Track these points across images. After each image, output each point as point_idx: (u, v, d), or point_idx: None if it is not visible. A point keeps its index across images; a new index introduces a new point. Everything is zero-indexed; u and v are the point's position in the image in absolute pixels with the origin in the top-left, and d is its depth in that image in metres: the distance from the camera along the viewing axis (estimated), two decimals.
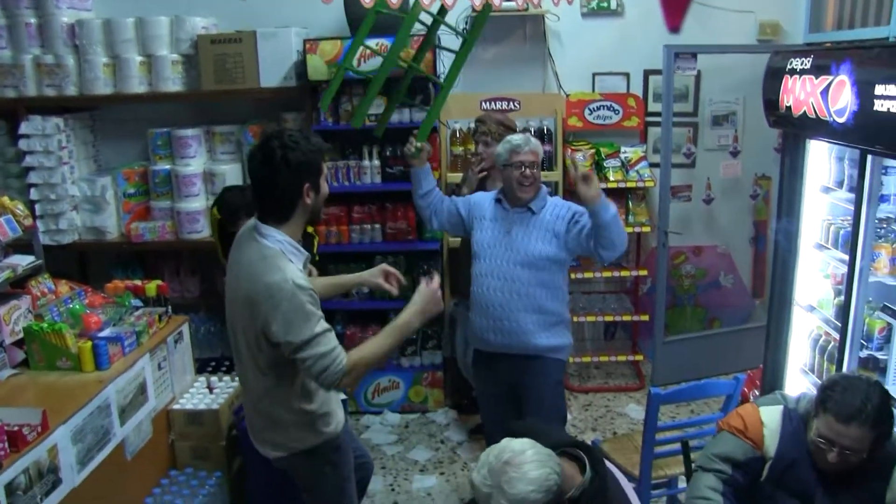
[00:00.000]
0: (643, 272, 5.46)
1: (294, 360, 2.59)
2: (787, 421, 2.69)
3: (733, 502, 2.69)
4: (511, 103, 5.25)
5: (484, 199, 3.78)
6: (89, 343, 3.32)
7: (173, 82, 5.12)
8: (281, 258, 2.58)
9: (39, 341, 3.33)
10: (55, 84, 5.11)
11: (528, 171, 3.56)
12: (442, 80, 4.16)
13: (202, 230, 5.24)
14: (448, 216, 3.82)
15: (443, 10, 3.99)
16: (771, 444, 2.67)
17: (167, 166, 5.27)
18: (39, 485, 2.72)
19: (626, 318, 5.50)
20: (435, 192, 3.83)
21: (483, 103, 5.20)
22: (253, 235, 2.64)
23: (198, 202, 5.21)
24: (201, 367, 4.40)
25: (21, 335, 3.40)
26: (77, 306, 3.69)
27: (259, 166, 2.57)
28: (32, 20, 5.11)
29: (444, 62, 5.23)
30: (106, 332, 3.50)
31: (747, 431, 2.71)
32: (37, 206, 5.10)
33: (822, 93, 3.34)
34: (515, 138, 3.65)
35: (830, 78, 3.27)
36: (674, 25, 5.47)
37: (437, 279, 2.85)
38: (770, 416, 2.72)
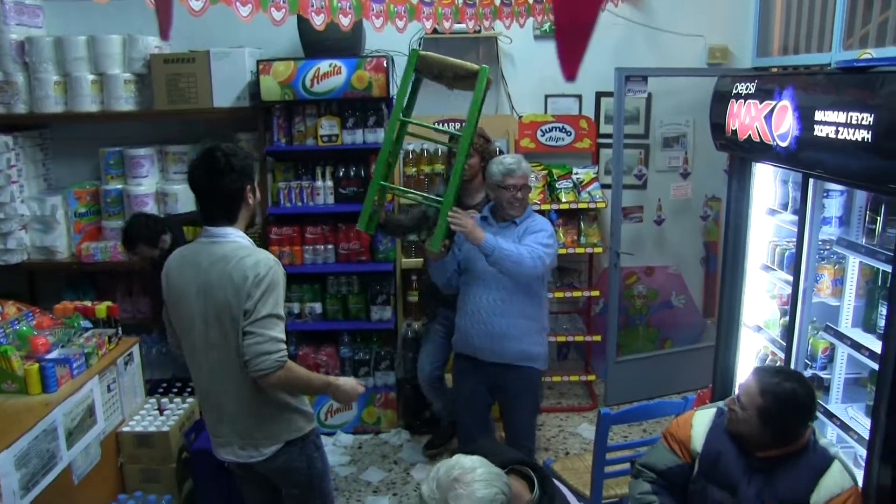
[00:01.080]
0: (595, 293, 5.51)
1: (244, 332, 2.71)
2: (717, 418, 2.87)
3: (669, 498, 2.91)
4: (464, 125, 5.27)
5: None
6: (36, 365, 3.28)
7: (126, 101, 5.08)
8: (253, 247, 2.84)
9: None
10: (4, 102, 5.03)
11: (518, 193, 3.79)
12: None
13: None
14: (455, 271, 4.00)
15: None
16: (698, 441, 2.87)
17: (119, 186, 5.22)
18: None
19: (579, 338, 5.55)
20: (452, 266, 3.98)
21: (437, 125, 5.22)
22: (211, 239, 2.81)
23: None
24: (153, 388, 4.35)
25: None
26: (24, 328, 3.63)
27: (206, 175, 2.76)
28: None
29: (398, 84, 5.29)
30: (54, 354, 3.45)
31: (677, 433, 2.93)
32: None
33: (766, 117, 3.43)
34: (508, 160, 3.82)
35: (774, 103, 3.36)
36: (570, 75, 5.51)
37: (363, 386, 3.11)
38: (701, 418, 2.92)
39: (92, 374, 3.51)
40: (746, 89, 3.65)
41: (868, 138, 2.71)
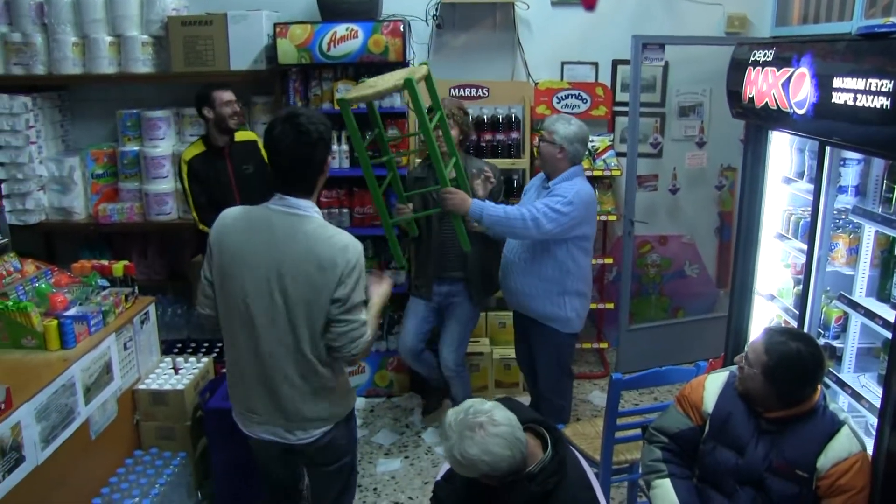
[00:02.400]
0: (609, 260, 5.52)
1: (335, 321, 2.70)
2: (730, 380, 2.90)
3: (679, 465, 2.93)
4: (480, 91, 5.28)
5: (538, 180, 4.19)
6: (55, 322, 3.31)
7: (143, 63, 5.10)
8: (331, 225, 2.78)
9: (5, 320, 3.31)
10: (23, 63, 5.07)
11: (541, 147, 3.96)
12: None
13: (170, 212, 5.23)
14: None
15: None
16: (710, 402, 2.89)
17: (136, 147, 5.25)
18: (2, 462, 2.71)
19: (592, 306, 5.54)
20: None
21: (452, 90, 5.23)
22: (289, 209, 2.73)
23: (166, 184, 5.20)
24: (167, 348, 4.40)
25: None
26: (43, 285, 3.67)
27: (294, 145, 2.65)
28: None
29: (415, 49, 5.28)
30: (72, 312, 3.48)
31: (690, 395, 2.96)
32: (3, 186, 5.05)
33: (783, 84, 3.41)
34: (552, 117, 4.03)
35: (792, 70, 3.34)
36: (590, 4, 5.53)
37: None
38: (713, 381, 2.95)
39: (109, 331, 3.54)
40: (764, 56, 3.63)
41: (888, 105, 2.68)
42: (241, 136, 4.53)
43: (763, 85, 3.61)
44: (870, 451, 2.85)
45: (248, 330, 2.77)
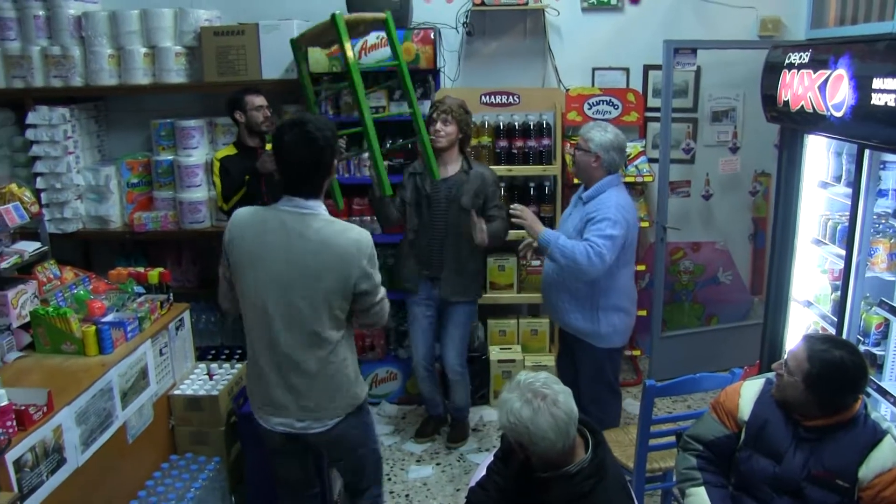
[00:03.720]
0: (641, 268, 5.46)
1: (366, 303, 2.94)
2: (766, 387, 2.86)
3: (714, 473, 2.90)
4: (511, 97, 5.27)
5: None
6: (93, 328, 3.36)
7: (177, 74, 5.16)
8: (339, 220, 2.94)
9: (45, 325, 3.37)
10: (62, 75, 5.16)
11: (575, 155, 3.92)
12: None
13: (204, 220, 5.28)
14: None
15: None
16: (746, 410, 2.85)
17: (170, 157, 5.31)
18: (45, 463, 2.76)
19: None
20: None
21: (483, 97, 5.23)
22: (300, 209, 2.86)
23: (200, 192, 5.25)
24: (201, 355, 4.43)
25: (28, 319, 3.43)
26: (82, 292, 3.73)
27: (302, 150, 2.81)
28: (41, 12, 5.16)
29: (445, 56, 5.29)
30: (109, 318, 3.53)
31: (725, 402, 2.92)
32: (43, 195, 5.15)
33: (820, 87, 3.37)
34: (590, 123, 3.97)
35: (829, 72, 3.31)
36: None
37: None
38: (749, 387, 2.91)
39: (145, 337, 3.59)
40: (800, 59, 3.59)
41: None
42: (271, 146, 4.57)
43: (799, 88, 3.58)
44: None
45: (265, 325, 2.90)
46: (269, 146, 4.43)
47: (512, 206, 3.76)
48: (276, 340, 2.90)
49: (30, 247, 3.80)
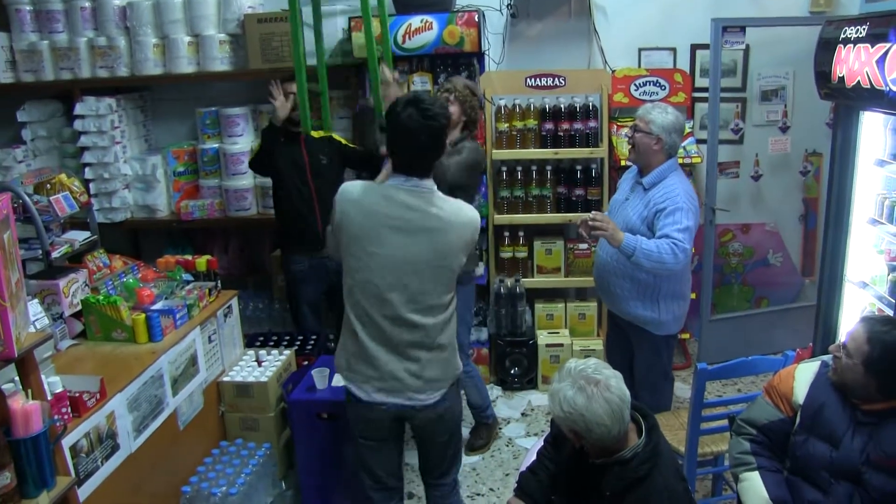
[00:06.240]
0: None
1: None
2: (822, 370, 2.79)
3: (769, 458, 2.85)
4: (556, 80, 5.20)
5: (630, 174, 3.99)
6: (143, 315, 3.39)
7: (221, 62, 5.19)
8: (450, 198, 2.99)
9: (96, 313, 3.41)
10: (108, 65, 5.21)
11: (634, 136, 3.77)
12: None
13: (250, 207, 5.32)
14: None
15: None
16: (801, 393, 2.79)
17: (215, 145, 5.35)
18: (100, 448, 2.80)
19: None
20: None
21: (528, 80, 5.17)
22: (417, 188, 2.87)
23: (245, 180, 5.29)
24: (249, 342, 4.46)
25: (79, 307, 3.47)
26: (131, 280, 3.77)
27: (422, 129, 2.78)
28: (87, 4, 5.23)
29: (490, 39, 5.24)
30: (158, 306, 3.56)
31: (779, 386, 2.87)
32: (91, 185, 5.23)
33: (878, 61, 3.27)
34: (648, 105, 3.82)
35: (888, 45, 3.20)
36: None
37: None
38: (804, 371, 2.85)
39: (194, 324, 3.62)
40: (856, 33, 3.49)
41: None
42: (316, 134, 4.56)
43: (855, 63, 3.47)
44: None
45: (377, 297, 2.89)
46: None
47: (592, 214, 3.57)
48: (388, 312, 2.89)
49: (80, 236, 3.86)
